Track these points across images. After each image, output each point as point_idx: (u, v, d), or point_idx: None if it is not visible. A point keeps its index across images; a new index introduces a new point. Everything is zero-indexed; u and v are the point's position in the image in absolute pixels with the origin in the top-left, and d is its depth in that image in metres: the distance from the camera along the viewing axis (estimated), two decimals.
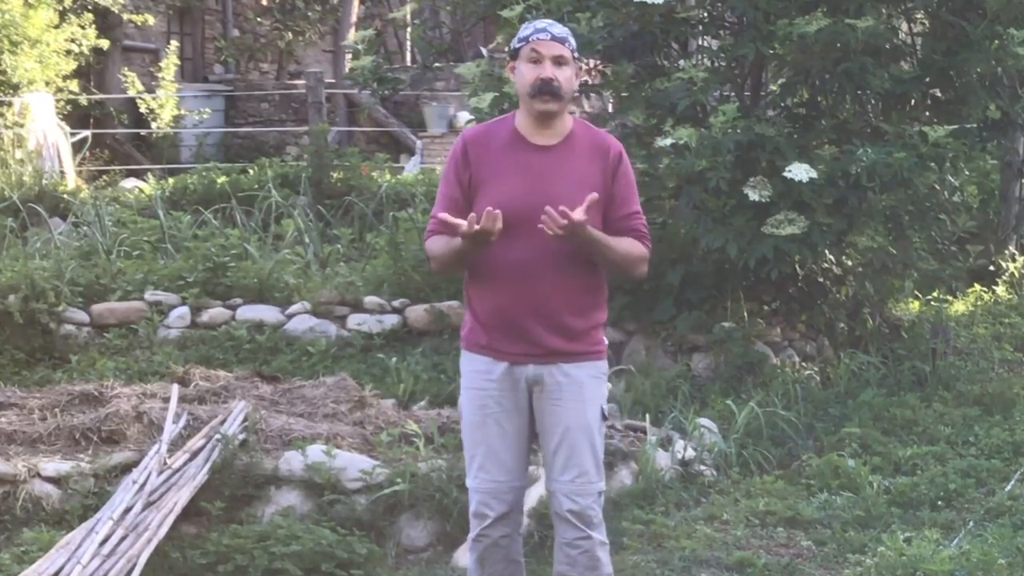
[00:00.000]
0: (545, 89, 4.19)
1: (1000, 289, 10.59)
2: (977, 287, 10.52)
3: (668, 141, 7.65)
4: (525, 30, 4.27)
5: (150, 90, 18.62)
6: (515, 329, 4.23)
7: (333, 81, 19.55)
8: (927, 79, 8.25)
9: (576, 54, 4.30)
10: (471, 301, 4.34)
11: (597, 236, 4.17)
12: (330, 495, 5.79)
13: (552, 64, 4.20)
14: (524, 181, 4.19)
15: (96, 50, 17.28)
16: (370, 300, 8.78)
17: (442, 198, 4.28)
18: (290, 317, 8.72)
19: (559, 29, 4.27)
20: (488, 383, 4.28)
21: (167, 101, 18.36)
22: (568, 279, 4.25)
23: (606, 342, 4.42)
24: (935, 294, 9.90)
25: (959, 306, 10.20)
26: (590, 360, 4.32)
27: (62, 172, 13.70)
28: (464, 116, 14.75)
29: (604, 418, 4.36)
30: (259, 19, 22.60)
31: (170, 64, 18.86)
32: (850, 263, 8.80)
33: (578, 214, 4.04)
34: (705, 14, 8.42)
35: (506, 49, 4.33)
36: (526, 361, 4.25)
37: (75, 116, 16.82)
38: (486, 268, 4.23)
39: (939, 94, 8.50)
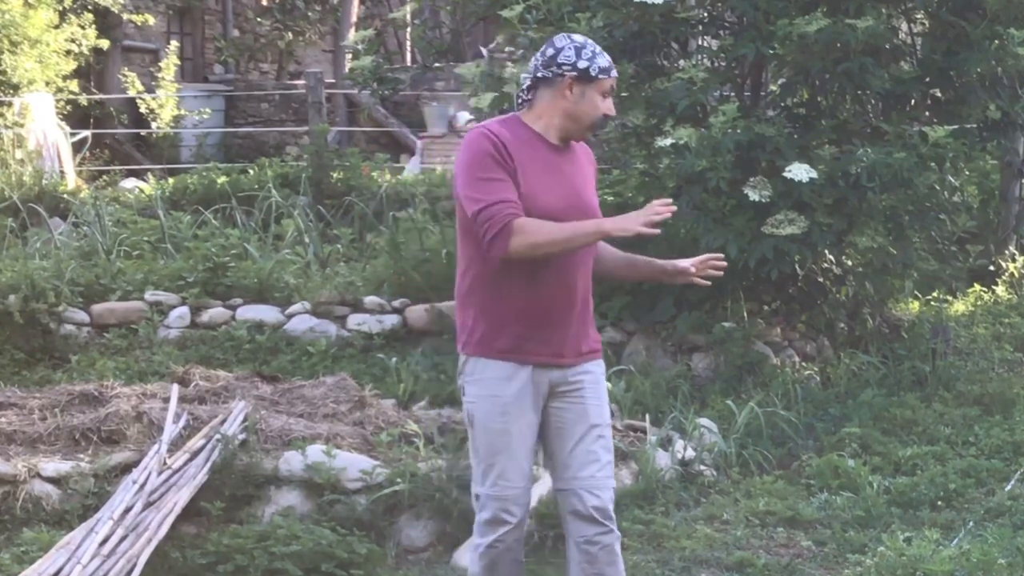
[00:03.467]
0: (603, 125, 4.31)
1: (1000, 289, 10.59)
2: (977, 287, 10.52)
3: (668, 141, 7.65)
4: (599, 58, 4.22)
5: (150, 90, 18.62)
6: (547, 332, 4.22)
7: (333, 81, 19.54)
8: (927, 79, 8.24)
9: None
10: (492, 304, 4.24)
11: None
12: (330, 495, 5.79)
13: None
14: (555, 181, 4.21)
15: (96, 50, 17.27)
16: (370, 300, 8.78)
17: (495, 183, 4.12)
18: (290, 317, 8.72)
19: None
20: (511, 389, 4.22)
21: (167, 101, 18.36)
22: (589, 283, 4.32)
23: None
24: (935, 294, 9.89)
25: (959, 306, 10.19)
26: (599, 358, 4.40)
27: (62, 172, 13.70)
28: (464, 116, 14.75)
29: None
30: (259, 19, 22.59)
31: (170, 64, 18.86)
32: (850, 263, 8.79)
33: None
34: (705, 14, 8.42)
35: (562, 65, 4.25)
36: (551, 363, 4.24)
37: (75, 116, 16.81)
38: (532, 270, 4.18)
39: (939, 94, 8.50)
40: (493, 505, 4.27)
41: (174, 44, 19.77)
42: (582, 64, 4.21)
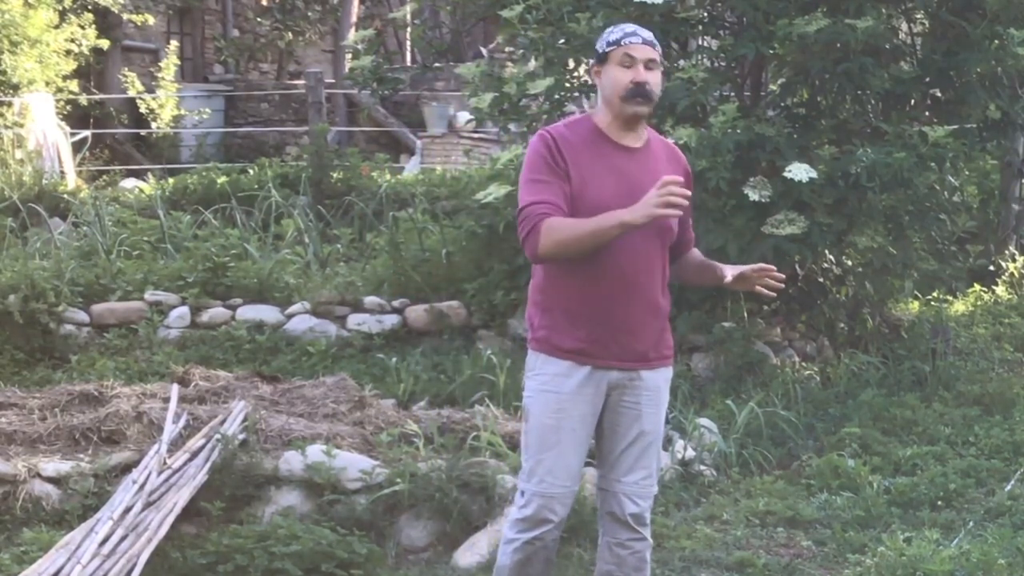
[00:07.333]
0: (639, 92, 4.16)
1: (1000, 289, 10.60)
2: (977, 287, 10.53)
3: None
4: (612, 34, 4.22)
5: (150, 90, 18.64)
6: (607, 335, 4.19)
7: (333, 81, 19.55)
8: (927, 79, 8.25)
9: (661, 58, 4.30)
10: (553, 305, 4.23)
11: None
12: (330, 495, 5.79)
13: (644, 68, 4.18)
14: (619, 183, 4.14)
15: (96, 50, 17.29)
16: (370, 300, 8.78)
17: (542, 184, 4.12)
18: (290, 317, 8.72)
19: (647, 32, 4.24)
20: (568, 387, 4.20)
21: (167, 101, 18.37)
22: (657, 287, 4.26)
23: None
24: (935, 294, 9.90)
25: (959, 306, 10.20)
26: (665, 366, 4.35)
27: (62, 172, 13.71)
28: (464, 116, 14.75)
29: (667, 422, 4.38)
30: (259, 19, 22.61)
31: (170, 64, 18.88)
32: (850, 263, 8.80)
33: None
34: (705, 14, 8.42)
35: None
36: (611, 366, 4.21)
37: (75, 116, 16.83)
38: (586, 271, 4.16)
39: (939, 94, 8.50)
40: (536, 502, 4.24)
41: (174, 44, 19.80)
42: (597, 49, 4.26)
